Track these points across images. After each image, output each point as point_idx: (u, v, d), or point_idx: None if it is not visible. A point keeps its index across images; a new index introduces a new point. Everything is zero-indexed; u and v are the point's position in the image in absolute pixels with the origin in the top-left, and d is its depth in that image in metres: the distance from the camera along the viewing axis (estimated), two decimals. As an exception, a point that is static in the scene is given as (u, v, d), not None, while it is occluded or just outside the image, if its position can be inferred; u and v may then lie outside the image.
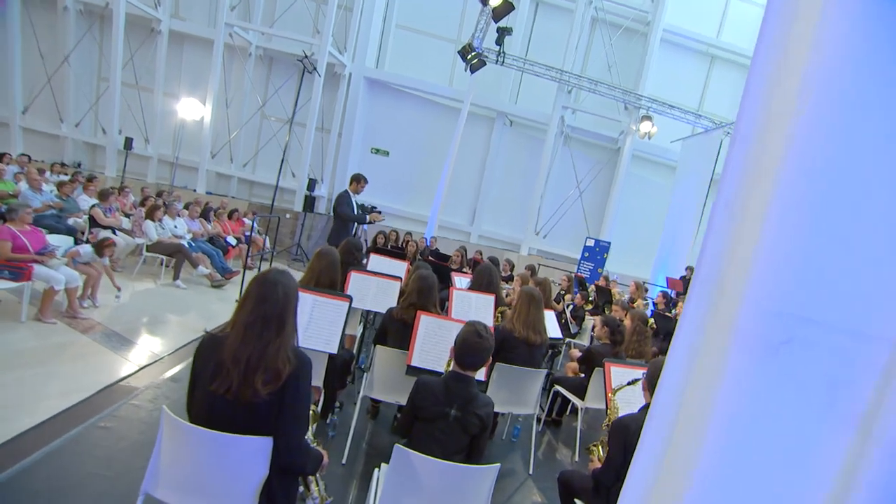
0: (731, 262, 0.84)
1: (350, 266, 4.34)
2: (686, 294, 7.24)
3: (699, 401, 0.84)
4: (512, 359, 3.31)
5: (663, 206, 13.02)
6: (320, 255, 3.03)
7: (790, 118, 0.77)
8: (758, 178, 0.81)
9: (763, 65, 0.85)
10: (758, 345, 0.74)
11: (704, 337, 0.87)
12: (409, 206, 13.42)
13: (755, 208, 0.80)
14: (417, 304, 3.07)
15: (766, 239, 0.76)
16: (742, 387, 0.76)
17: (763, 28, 0.86)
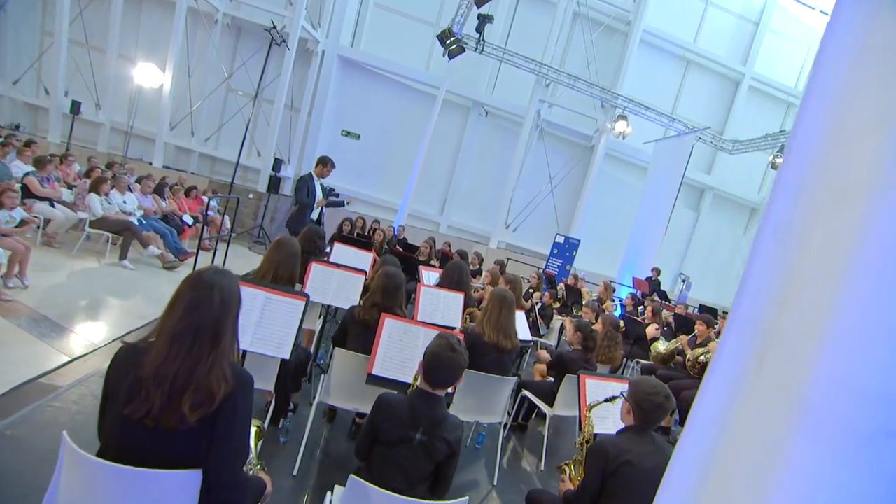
0: (792, 310, 0.65)
1: (311, 256, 4.05)
2: (651, 294, 7.23)
3: (747, 477, 0.65)
4: (480, 365, 3.12)
5: (633, 206, 13.15)
6: (279, 246, 2.74)
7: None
8: (840, 198, 0.62)
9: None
10: (841, 431, 0.56)
11: (751, 398, 0.68)
12: (378, 192, 13.06)
13: (834, 243, 0.61)
14: (381, 304, 2.83)
15: (853, 290, 0.57)
16: (818, 481, 0.57)
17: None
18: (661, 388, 2.11)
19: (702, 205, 14.42)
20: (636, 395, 2.11)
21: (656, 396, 2.06)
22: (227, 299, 1.36)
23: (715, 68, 13.55)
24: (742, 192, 14.26)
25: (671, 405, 2.13)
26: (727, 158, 13.23)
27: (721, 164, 13.92)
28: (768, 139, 11.01)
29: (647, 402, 2.06)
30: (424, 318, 3.91)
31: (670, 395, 2.13)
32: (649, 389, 2.08)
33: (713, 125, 12.72)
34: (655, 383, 2.13)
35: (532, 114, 12.49)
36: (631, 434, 2.07)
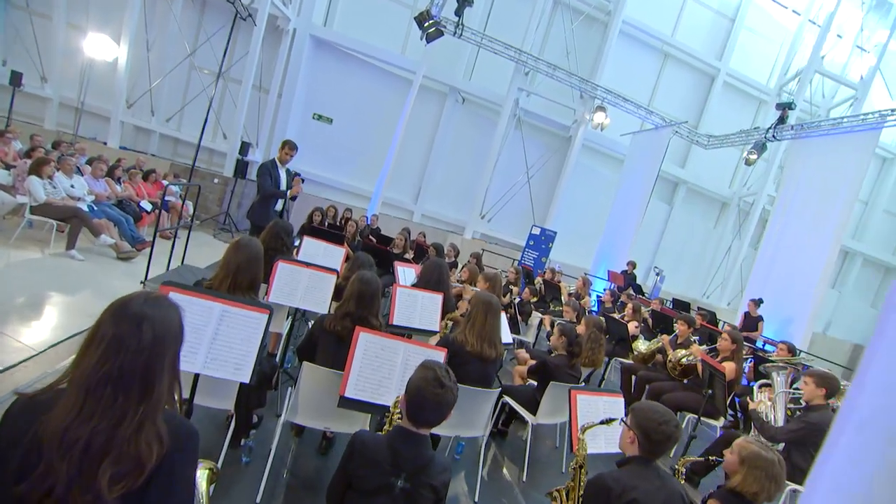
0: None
1: (278, 253, 3.73)
2: (627, 288, 7.16)
3: None
4: (462, 376, 2.88)
5: (608, 199, 13.15)
6: (238, 248, 2.42)
7: None
8: None
9: None
10: None
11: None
12: (351, 179, 12.62)
13: None
14: (356, 314, 2.57)
15: None
16: None
17: None
18: (670, 416, 1.93)
19: (675, 198, 14.55)
20: (643, 424, 1.91)
21: (666, 426, 1.88)
22: (160, 336, 1.08)
23: (691, 62, 13.57)
24: (714, 186, 14.45)
25: (680, 434, 1.96)
26: (701, 153, 13.34)
27: (695, 158, 14.05)
28: (742, 135, 11.10)
29: (657, 434, 1.87)
30: (401, 320, 3.66)
31: (679, 423, 1.96)
32: (658, 419, 1.89)
33: (688, 119, 12.76)
34: (663, 411, 1.94)
35: (510, 102, 12.24)
36: (635, 467, 1.89)
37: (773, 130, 9.80)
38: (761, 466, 2.08)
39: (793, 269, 9.06)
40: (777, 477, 2.09)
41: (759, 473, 2.07)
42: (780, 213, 9.78)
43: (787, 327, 8.90)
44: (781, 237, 9.52)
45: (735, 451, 2.18)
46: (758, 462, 2.08)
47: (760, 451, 2.12)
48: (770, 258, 9.71)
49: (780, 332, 8.77)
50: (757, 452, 2.11)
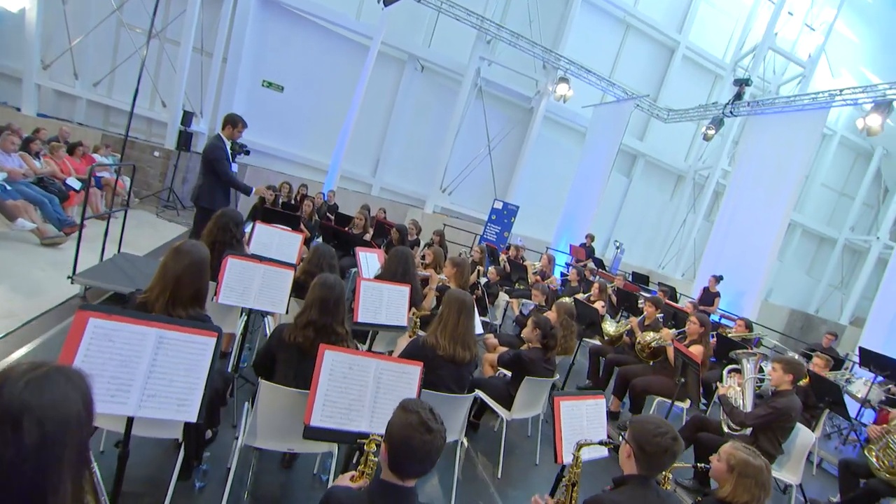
0: None
1: (227, 247, 3.34)
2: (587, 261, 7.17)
3: None
4: (435, 382, 2.71)
5: (570, 171, 13.12)
6: (178, 255, 2.05)
7: None
8: None
9: None
10: None
11: None
12: (305, 151, 11.93)
13: None
14: (318, 322, 2.28)
15: None
16: None
17: None
18: (668, 427, 1.82)
19: (634, 171, 14.73)
20: (639, 436, 1.80)
21: (663, 438, 1.77)
22: (52, 433, 0.78)
23: (652, 34, 13.51)
24: (671, 159, 14.71)
25: (680, 448, 1.85)
26: (659, 126, 13.47)
27: (653, 131, 14.19)
28: (700, 110, 11.23)
29: (653, 446, 1.77)
30: (367, 317, 3.39)
31: (678, 436, 1.84)
32: (654, 430, 1.78)
33: (647, 91, 12.79)
34: (660, 422, 1.83)
35: (471, 71, 11.81)
36: (633, 488, 1.77)
37: (730, 106, 9.93)
38: (751, 474, 2.02)
39: (745, 242, 9.38)
40: (766, 484, 2.04)
41: (749, 482, 2.02)
42: (734, 188, 10.04)
43: (739, 299, 9.27)
44: (735, 212, 9.81)
45: (723, 458, 2.11)
46: (747, 470, 2.02)
47: (749, 458, 2.05)
48: (724, 232, 10.01)
49: (733, 304, 9.13)
50: (746, 460, 2.05)
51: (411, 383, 2.10)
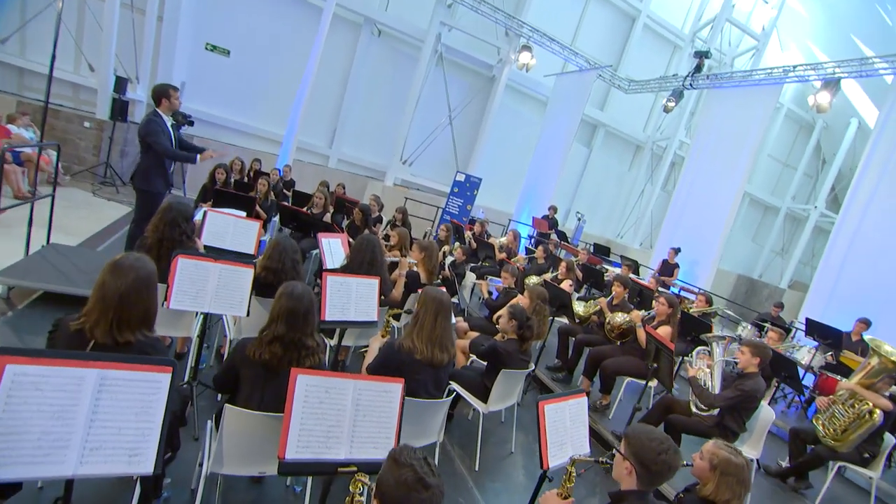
0: None
1: (177, 245, 3.02)
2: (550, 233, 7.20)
3: None
4: (413, 387, 2.57)
5: (532, 141, 13.01)
6: (119, 271, 1.74)
7: None
8: None
9: None
10: None
11: None
12: (257, 121, 11.19)
13: None
14: (286, 337, 2.07)
15: None
16: None
17: None
18: (668, 442, 1.77)
19: (594, 141, 14.80)
20: (642, 455, 1.74)
21: (666, 455, 1.73)
22: None
23: (615, 2, 13.31)
24: (630, 129, 14.85)
25: (680, 460, 1.81)
26: (620, 96, 13.49)
27: (613, 101, 14.22)
28: (661, 81, 11.27)
29: (658, 465, 1.73)
30: (335, 315, 3.19)
31: (677, 448, 1.80)
32: (657, 447, 1.73)
33: (608, 60, 12.70)
34: (661, 437, 1.77)
35: (431, 37, 11.29)
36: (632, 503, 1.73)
37: (690, 79, 10.00)
38: (733, 473, 2.04)
39: (702, 213, 9.67)
40: (746, 481, 2.06)
41: (731, 480, 2.03)
42: (692, 160, 10.26)
43: (694, 268, 9.62)
44: (693, 184, 10.05)
45: (706, 457, 2.11)
46: (729, 469, 2.04)
47: (731, 456, 2.07)
48: (682, 203, 10.27)
49: (689, 273, 9.46)
50: (727, 458, 2.06)
51: (393, 402, 1.95)
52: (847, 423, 3.88)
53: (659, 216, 15.12)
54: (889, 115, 7.22)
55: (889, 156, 7.04)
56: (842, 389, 4.05)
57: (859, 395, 3.90)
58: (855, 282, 7.05)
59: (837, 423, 3.94)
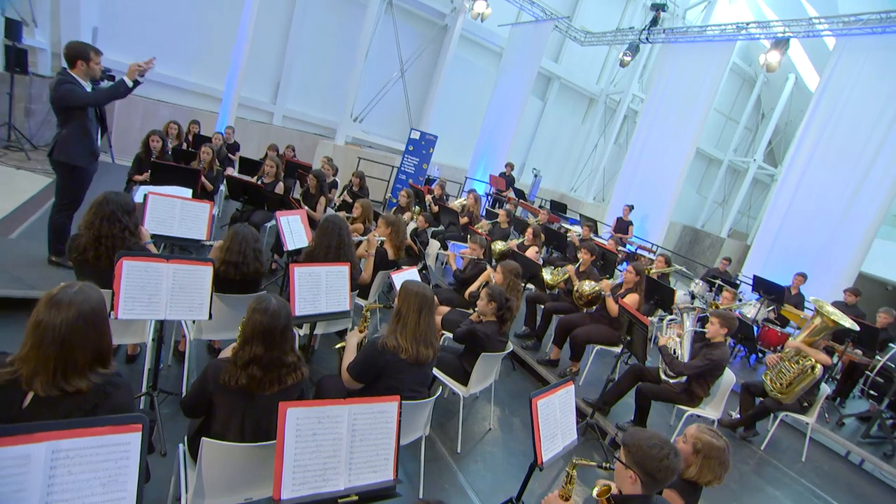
0: None
1: (119, 242, 2.65)
2: (507, 190, 7.18)
3: None
4: (396, 387, 2.46)
5: (487, 95, 12.64)
6: (57, 307, 1.39)
7: None
8: None
9: None
10: None
11: None
12: (190, 75, 10.09)
13: None
14: (265, 358, 1.87)
15: None
16: None
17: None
18: (668, 446, 1.78)
19: (549, 94, 14.60)
20: (645, 464, 1.73)
21: (668, 461, 1.74)
22: None
23: (569, -56, 12.77)
24: (584, 82, 14.72)
25: (681, 462, 1.83)
26: (574, 48, 13.23)
27: (568, 54, 13.95)
28: (617, 34, 11.09)
29: (662, 472, 1.74)
30: (305, 308, 2.99)
31: (678, 450, 1.81)
32: (659, 454, 1.73)
33: (564, 11, 12.32)
34: (661, 442, 1.77)
35: (380, -20, 10.44)
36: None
37: (646, 32, 9.89)
38: (715, 456, 2.12)
39: (656, 169, 9.88)
40: (727, 462, 2.16)
41: (714, 462, 2.12)
42: (647, 116, 10.34)
43: (646, 223, 9.94)
44: (647, 139, 10.18)
45: (689, 441, 2.18)
46: (712, 452, 2.11)
47: (712, 440, 2.14)
48: (636, 159, 10.43)
49: (642, 228, 9.77)
50: (710, 442, 2.14)
51: (389, 422, 1.83)
52: (792, 378, 4.20)
53: (612, 170, 15.41)
54: (829, 78, 7.48)
55: (828, 118, 7.37)
56: (789, 347, 4.34)
57: (804, 352, 4.21)
58: (794, 236, 7.52)
59: (784, 378, 4.25)
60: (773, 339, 5.87)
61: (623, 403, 4.13)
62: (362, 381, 2.47)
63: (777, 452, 4.46)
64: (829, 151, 7.29)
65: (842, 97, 7.29)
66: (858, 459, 4.88)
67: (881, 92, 6.92)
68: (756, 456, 4.38)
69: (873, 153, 6.95)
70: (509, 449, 3.61)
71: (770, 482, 4.02)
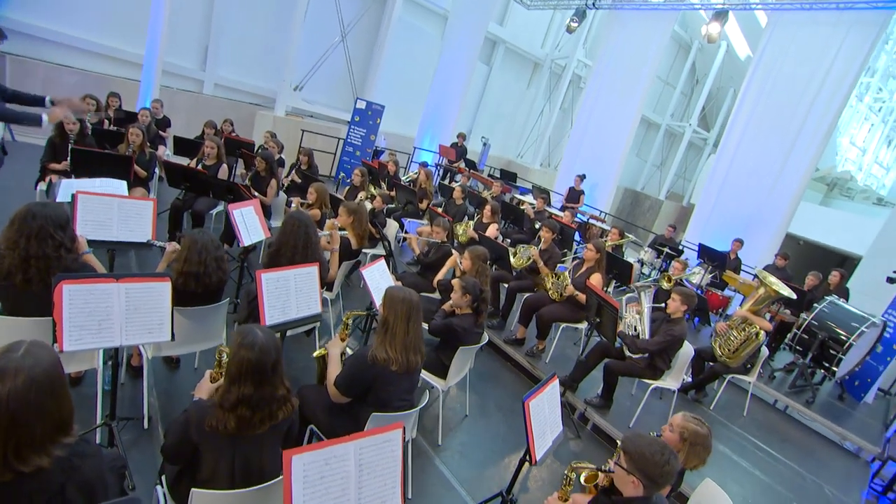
0: None
1: (53, 263, 2.32)
2: (458, 161, 7.13)
3: None
4: (385, 399, 2.41)
5: (433, 60, 12.22)
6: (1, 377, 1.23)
7: None
8: None
9: None
10: None
11: None
12: (102, 37, 8.93)
13: None
14: (255, 398, 1.72)
15: None
16: None
17: None
18: (668, 451, 1.85)
19: (494, 58, 14.35)
20: (647, 470, 1.80)
21: (668, 466, 1.82)
22: None
23: None
24: (528, 46, 14.56)
25: (678, 462, 1.91)
26: (519, 11, 12.97)
27: (513, 16, 13.68)
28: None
29: (664, 477, 1.82)
30: (276, 317, 2.81)
31: (675, 452, 1.90)
32: (660, 460, 1.80)
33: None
34: (660, 447, 1.84)
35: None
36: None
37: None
38: (700, 442, 2.27)
39: (603, 136, 10.08)
40: (710, 447, 2.31)
41: (699, 448, 2.26)
42: (594, 84, 10.43)
43: (595, 191, 10.21)
44: (594, 108, 10.32)
45: (676, 430, 2.30)
46: (697, 439, 2.25)
47: (698, 428, 2.28)
48: (583, 127, 10.58)
49: (591, 195, 10.03)
50: (696, 431, 2.27)
51: (395, 450, 1.76)
52: (739, 344, 4.55)
53: (557, 136, 15.59)
54: (763, 52, 7.83)
55: (761, 90, 7.76)
56: (736, 316, 4.67)
57: (749, 320, 4.54)
58: (731, 203, 8.01)
59: (732, 345, 4.59)
60: (716, 302, 6.31)
61: (588, 378, 4.30)
62: (351, 395, 2.38)
63: (724, 411, 4.86)
64: (763, 122, 7.72)
65: (774, 69, 7.68)
66: (784, 406, 5.46)
67: (809, 64, 7.34)
68: (706, 416, 4.74)
69: (801, 122, 7.44)
70: (488, 434, 3.68)
71: (720, 440, 4.39)
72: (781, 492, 3.88)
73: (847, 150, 17.36)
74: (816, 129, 7.26)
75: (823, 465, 4.57)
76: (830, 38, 7.14)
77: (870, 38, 6.93)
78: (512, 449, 3.60)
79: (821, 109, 7.21)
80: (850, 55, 7.00)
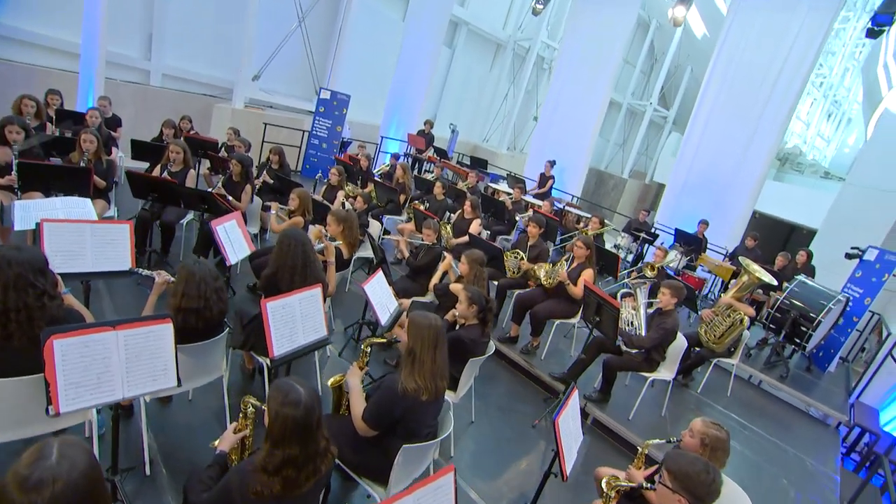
0: None
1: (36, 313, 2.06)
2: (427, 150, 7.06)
3: None
4: (415, 429, 2.34)
5: (395, 45, 11.84)
6: (31, 492, 1.00)
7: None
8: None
9: None
10: None
11: None
12: (39, 26, 8.09)
13: None
14: (300, 458, 1.60)
15: None
16: None
17: None
18: (710, 467, 1.91)
19: (456, 40, 14.07)
20: (694, 489, 1.84)
21: (714, 484, 1.87)
22: None
23: None
24: (490, 27, 14.35)
25: (721, 479, 1.95)
26: (480, -9, 12.73)
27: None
28: (527, -21, 10.78)
29: (712, 495, 1.85)
30: (284, 347, 2.66)
31: (717, 469, 1.94)
32: (706, 479, 1.85)
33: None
34: (703, 466, 1.89)
35: None
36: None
37: (557, -21, 9.73)
38: (721, 447, 2.33)
39: (571, 121, 10.12)
40: (729, 450, 2.38)
41: (720, 452, 2.33)
42: (561, 68, 10.41)
43: (563, 175, 10.29)
44: (562, 92, 10.32)
45: (696, 436, 2.36)
46: (718, 444, 2.32)
47: (717, 433, 2.34)
48: (552, 111, 10.58)
49: (560, 179, 10.10)
50: (716, 436, 2.33)
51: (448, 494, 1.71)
52: (724, 330, 4.72)
53: (523, 119, 15.56)
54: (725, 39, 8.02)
55: (725, 75, 7.97)
56: (721, 304, 4.84)
57: (734, 307, 4.72)
58: (699, 185, 8.27)
59: (717, 330, 4.77)
60: (693, 284, 6.53)
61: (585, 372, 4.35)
62: (380, 429, 2.29)
63: (710, 393, 5.07)
64: (727, 105, 7.95)
65: (736, 55, 7.89)
66: (758, 381, 5.78)
67: (770, 49, 7.58)
68: (694, 399, 4.95)
69: (763, 105, 7.70)
70: (495, 439, 3.68)
71: (710, 422, 4.59)
72: (770, 469, 4.11)
73: (793, 124, 18.28)
74: (778, 111, 7.55)
75: (798, 436, 4.87)
76: (789, 23, 7.38)
77: (825, 23, 7.21)
78: (521, 452, 3.62)
79: (781, 92, 7.49)
80: (808, 40, 7.27)
